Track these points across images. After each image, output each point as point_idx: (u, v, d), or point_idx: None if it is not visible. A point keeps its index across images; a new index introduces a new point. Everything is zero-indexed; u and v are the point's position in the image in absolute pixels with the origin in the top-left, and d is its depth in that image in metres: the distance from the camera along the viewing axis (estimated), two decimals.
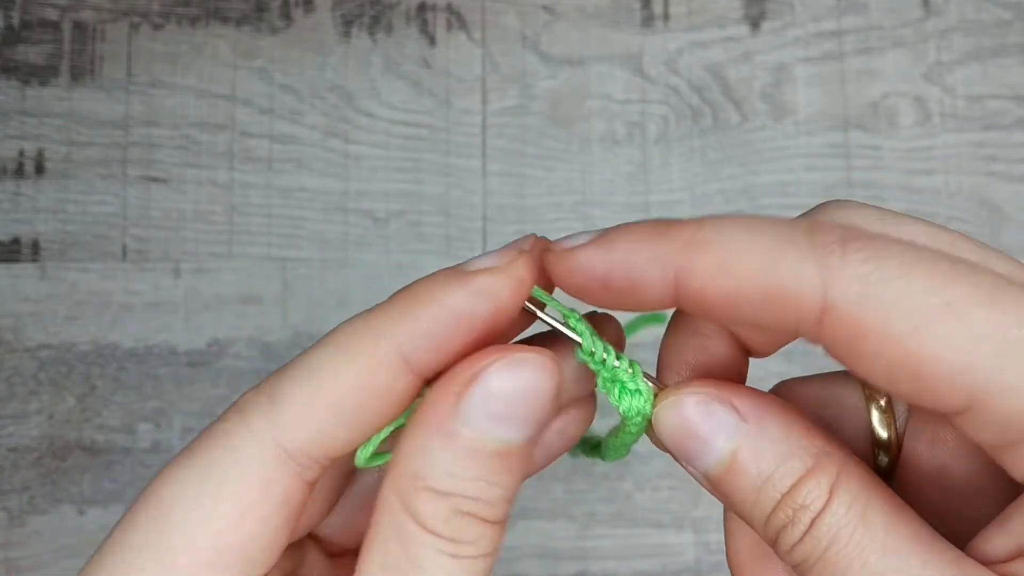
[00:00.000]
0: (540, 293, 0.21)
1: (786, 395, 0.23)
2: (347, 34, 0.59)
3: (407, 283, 0.20)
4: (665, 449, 0.21)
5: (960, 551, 0.19)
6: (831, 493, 0.19)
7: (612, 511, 0.55)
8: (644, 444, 0.23)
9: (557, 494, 0.55)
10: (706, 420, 0.20)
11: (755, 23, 0.60)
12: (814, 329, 0.18)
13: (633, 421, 0.21)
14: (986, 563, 0.19)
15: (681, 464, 0.21)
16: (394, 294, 0.19)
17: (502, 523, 0.19)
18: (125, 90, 0.58)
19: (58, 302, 0.56)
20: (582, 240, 0.20)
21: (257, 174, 0.58)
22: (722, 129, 0.59)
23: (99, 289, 0.56)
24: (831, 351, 0.18)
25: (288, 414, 0.19)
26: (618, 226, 0.20)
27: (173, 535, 0.19)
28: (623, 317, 0.23)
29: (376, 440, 0.20)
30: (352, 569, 0.24)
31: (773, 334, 0.21)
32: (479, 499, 0.19)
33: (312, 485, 0.20)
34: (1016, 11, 0.60)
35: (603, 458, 0.24)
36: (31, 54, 0.58)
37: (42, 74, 0.58)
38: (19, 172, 0.57)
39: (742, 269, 0.18)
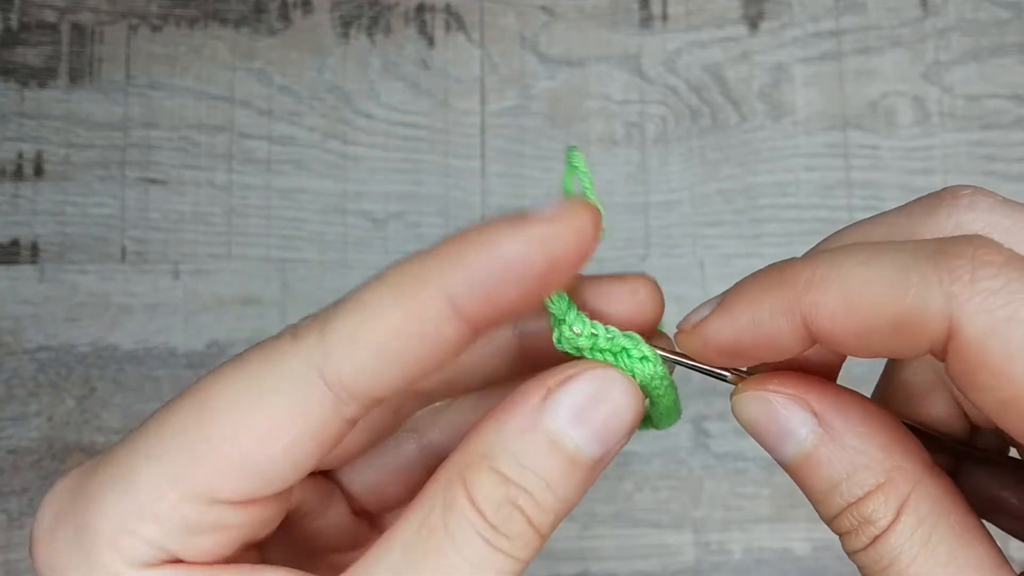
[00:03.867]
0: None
1: None
2: (345, 35, 0.59)
3: None
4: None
5: None
6: (899, 512, 0.19)
7: (612, 511, 0.55)
8: (644, 444, 0.23)
9: None
10: (783, 419, 0.20)
11: (753, 23, 0.60)
12: (941, 352, 0.18)
13: (654, 387, 0.21)
14: None
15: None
16: (445, 240, 0.19)
17: (543, 536, 0.19)
18: (124, 92, 0.58)
19: (57, 304, 0.56)
20: (704, 313, 0.20)
21: (256, 175, 0.58)
22: (721, 129, 0.59)
23: (98, 291, 0.56)
24: (949, 374, 0.18)
25: (335, 344, 0.18)
26: (735, 287, 0.20)
27: (211, 428, 0.19)
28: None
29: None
30: (369, 533, 0.25)
31: (883, 352, 0.20)
32: (534, 497, 0.19)
33: (349, 424, 0.19)
34: (1014, 10, 0.60)
35: (656, 427, 0.24)
36: (29, 56, 0.58)
37: (41, 76, 0.58)
38: (18, 174, 0.57)
39: (867, 304, 0.18)
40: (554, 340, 0.21)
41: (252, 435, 0.19)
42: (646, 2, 0.60)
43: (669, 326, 0.23)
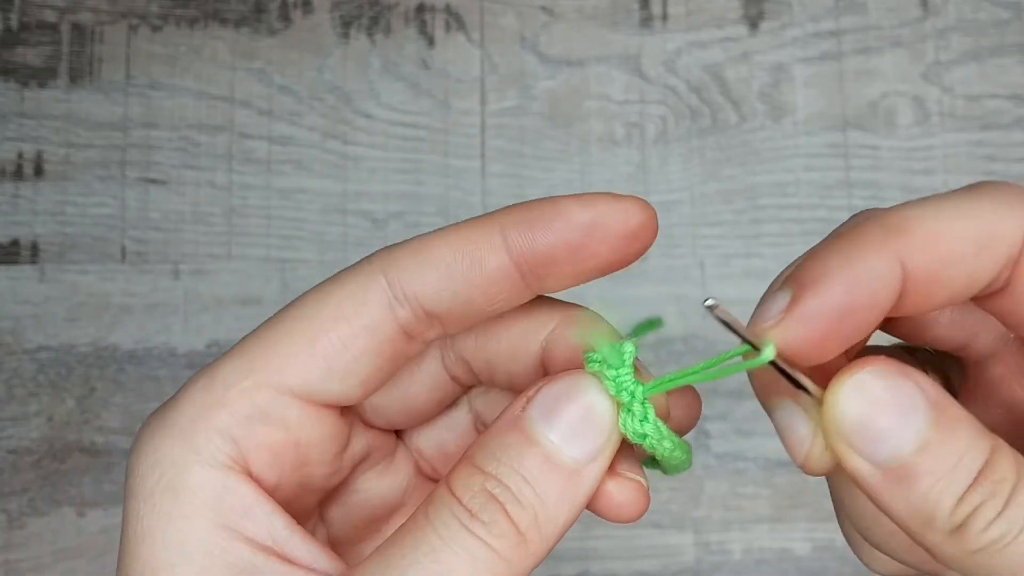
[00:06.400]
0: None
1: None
2: (345, 35, 0.59)
3: None
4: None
5: None
6: (1019, 470, 0.19)
7: None
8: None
9: None
10: (898, 403, 0.19)
11: (753, 23, 0.60)
12: (1007, 280, 0.19)
13: (663, 449, 0.22)
14: None
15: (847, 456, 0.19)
16: None
17: (523, 535, 0.20)
18: (124, 92, 0.58)
19: (57, 304, 0.56)
20: (782, 302, 0.19)
21: (256, 175, 0.58)
22: (721, 129, 0.59)
23: (98, 291, 0.56)
24: (1006, 305, 0.19)
25: (398, 253, 0.21)
26: (802, 267, 0.19)
27: (283, 323, 0.22)
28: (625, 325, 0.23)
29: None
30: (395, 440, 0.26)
31: (964, 284, 0.20)
32: (511, 491, 0.20)
33: (403, 337, 0.22)
34: (1014, 10, 0.60)
35: (665, 472, 0.24)
36: (30, 56, 0.58)
37: (41, 76, 0.58)
38: (18, 174, 0.57)
39: (956, 228, 0.19)
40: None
41: (317, 325, 0.21)
42: (646, 2, 0.60)
43: (669, 326, 0.23)
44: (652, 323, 0.22)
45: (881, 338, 0.22)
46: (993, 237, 0.19)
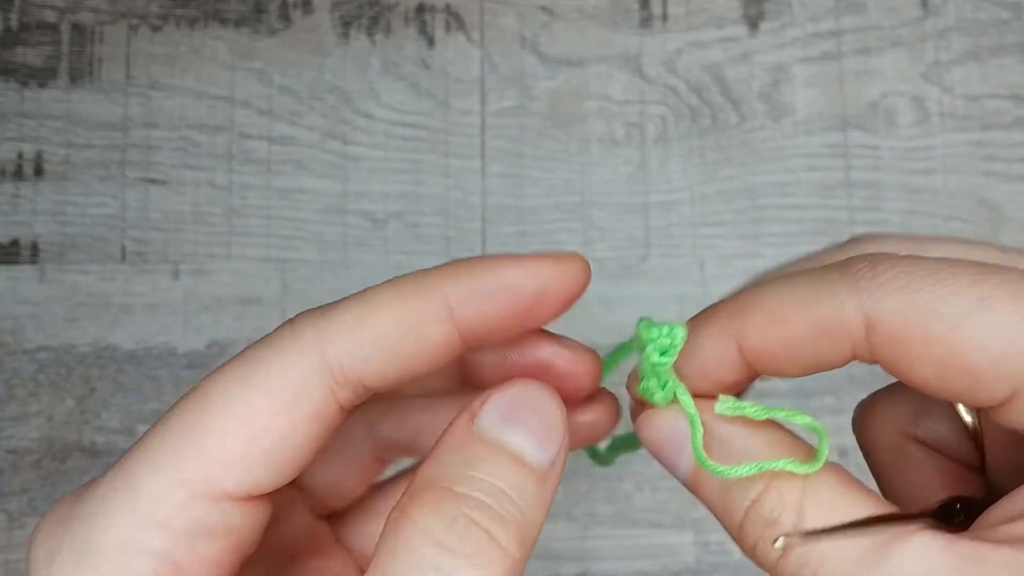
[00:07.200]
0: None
1: (881, 407, 0.24)
2: (345, 35, 0.59)
3: None
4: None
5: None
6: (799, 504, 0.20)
7: (612, 512, 0.55)
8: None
9: (557, 495, 0.55)
10: (675, 433, 0.22)
11: (753, 23, 0.60)
12: (866, 350, 0.19)
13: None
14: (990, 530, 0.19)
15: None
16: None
17: (505, 550, 0.19)
18: (124, 92, 0.58)
19: (57, 304, 0.56)
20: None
21: (256, 175, 0.58)
22: (721, 129, 0.59)
23: (98, 291, 0.56)
24: (884, 366, 0.19)
25: (336, 329, 0.19)
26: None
27: (213, 420, 0.19)
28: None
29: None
30: (329, 536, 0.25)
31: (812, 363, 0.21)
32: (491, 506, 0.19)
33: (343, 412, 0.20)
34: (1015, 10, 0.60)
35: (603, 463, 0.24)
36: (29, 56, 0.58)
37: (40, 76, 0.58)
38: (17, 174, 0.57)
39: (789, 319, 0.19)
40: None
41: (255, 420, 0.19)
42: (646, 2, 0.60)
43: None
44: (627, 348, 0.23)
45: None
46: (831, 325, 0.19)
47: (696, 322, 0.21)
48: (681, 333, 0.20)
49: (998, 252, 0.21)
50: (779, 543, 0.19)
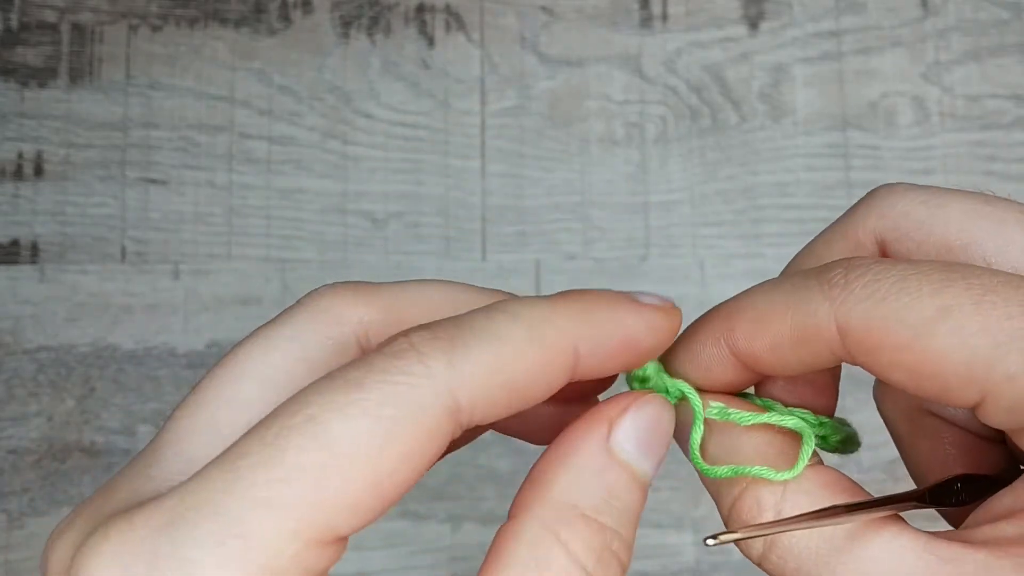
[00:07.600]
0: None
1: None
2: (345, 35, 0.59)
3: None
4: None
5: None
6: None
7: None
8: None
9: None
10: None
11: (753, 23, 0.60)
12: (846, 353, 0.20)
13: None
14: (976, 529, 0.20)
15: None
16: (564, 294, 0.20)
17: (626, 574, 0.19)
18: (124, 92, 0.58)
19: (57, 304, 0.56)
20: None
21: (256, 175, 0.58)
22: (721, 129, 0.59)
23: (98, 291, 0.56)
24: (864, 368, 0.20)
25: (470, 371, 0.18)
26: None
27: (341, 465, 0.17)
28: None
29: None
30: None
31: (799, 365, 0.22)
32: (623, 536, 0.19)
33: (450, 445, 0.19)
34: (1014, 10, 0.60)
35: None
36: (30, 56, 0.58)
37: (41, 76, 0.58)
38: (18, 174, 0.57)
39: (771, 323, 0.20)
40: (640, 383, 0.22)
41: (382, 466, 0.17)
42: (646, 2, 0.60)
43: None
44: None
45: None
46: (806, 333, 0.20)
47: (694, 325, 0.22)
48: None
49: (1018, 210, 0.21)
50: (711, 541, 0.20)
